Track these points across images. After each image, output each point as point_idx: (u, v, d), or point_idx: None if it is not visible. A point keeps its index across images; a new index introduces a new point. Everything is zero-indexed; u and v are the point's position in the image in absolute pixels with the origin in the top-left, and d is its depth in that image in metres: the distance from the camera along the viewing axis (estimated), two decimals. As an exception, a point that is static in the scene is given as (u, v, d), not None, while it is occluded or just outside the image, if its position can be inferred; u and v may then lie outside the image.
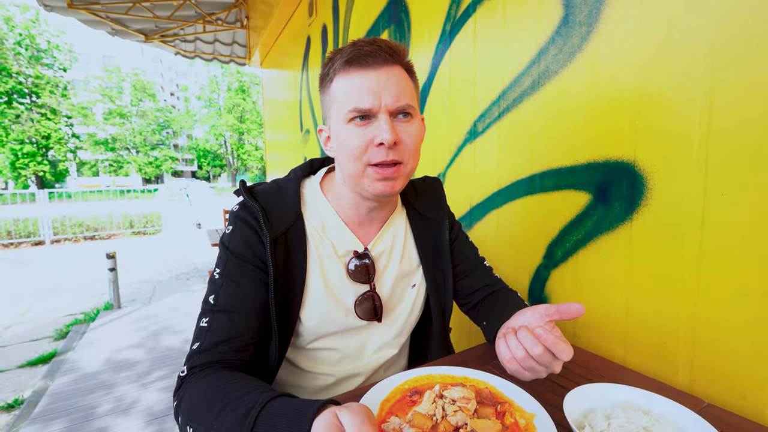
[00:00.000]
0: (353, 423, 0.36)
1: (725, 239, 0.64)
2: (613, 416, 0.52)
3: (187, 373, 0.59)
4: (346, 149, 0.63)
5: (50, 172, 20.18)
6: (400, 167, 0.64)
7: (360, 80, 0.61)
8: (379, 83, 0.61)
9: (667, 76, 0.70)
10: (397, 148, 0.63)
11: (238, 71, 29.54)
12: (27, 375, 2.58)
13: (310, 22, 2.79)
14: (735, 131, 0.62)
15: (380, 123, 0.61)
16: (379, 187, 0.64)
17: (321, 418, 0.39)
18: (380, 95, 0.60)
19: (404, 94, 0.62)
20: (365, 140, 0.62)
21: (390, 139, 0.60)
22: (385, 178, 0.64)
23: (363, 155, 0.62)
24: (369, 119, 0.62)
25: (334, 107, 0.65)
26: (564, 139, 0.91)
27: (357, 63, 0.61)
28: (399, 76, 0.63)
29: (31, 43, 18.29)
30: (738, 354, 0.64)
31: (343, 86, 0.63)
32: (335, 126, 0.65)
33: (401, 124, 0.63)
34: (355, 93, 0.61)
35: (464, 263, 0.86)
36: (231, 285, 0.64)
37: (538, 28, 0.96)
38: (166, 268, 5.51)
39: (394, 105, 0.61)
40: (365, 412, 0.38)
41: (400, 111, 0.63)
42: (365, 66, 0.61)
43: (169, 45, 4.83)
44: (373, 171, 0.63)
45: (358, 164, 0.63)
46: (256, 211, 0.67)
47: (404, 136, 0.63)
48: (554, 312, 0.60)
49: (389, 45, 0.63)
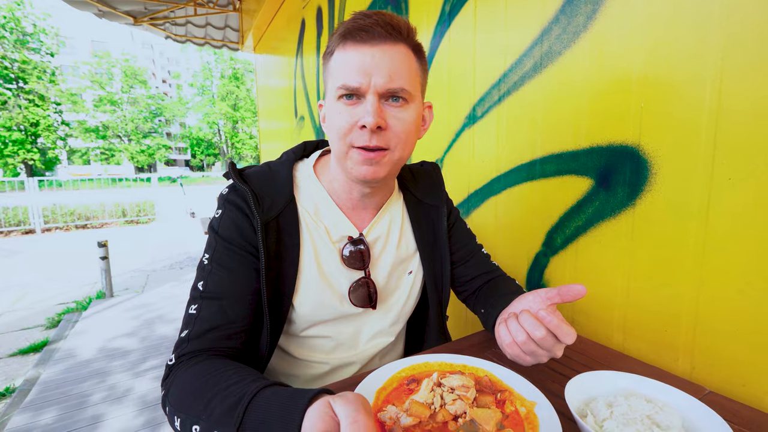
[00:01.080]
0: (347, 412, 0.34)
1: (731, 225, 0.62)
2: (615, 404, 0.50)
3: (175, 361, 0.57)
4: (333, 127, 0.61)
5: (40, 160, 19.78)
6: (386, 153, 0.61)
7: (353, 55, 0.57)
8: (372, 60, 0.57)
9: (675, 56, 0.68)
10: (383, 134, 0.59)
11: (232, 58, 28.95)
12: (18, 363, 2.56)
13: (305, 5, 2.71)
14: (745, 113, 0.60)
15: (366, 105, 0.57)
16: (362, 171, 0.61)
17: (314, 408, 0.37)
18: (370, 74, 0.56)
19: (399, 76, 0.58)
20: (351, 120, 0.58)
21: (372, 123, 0.56)
22: (368, 162, 0.60)
23: (347, 136, 0.60)
24: (358, 98, 0.59)
25: (329, 82, 0.62)
26: (566, 122, 0.89)
27: (352, 37, 0.58)
28: (397, 55, 0.58)
29: (16, 26, 17.70)
30: (739, 341, 0.63)
31: (337, 61, 0.60)
32: (328, 101, 0.63)
33: (392, 108, 0.59)
34: (345, 69, 0.58)
35: (462, 250, 0.84)
36: (220, 270, 0.62)
37: (542, 6, 0.92)
38: (159, 257, 5.47)
39: (385, 86, 0.57)
40: (360, 400, 0.36)
41: (391, 94, 0.58)
42: (360, 41, 0.57)
43: (159, 28, 4.69)
44: (356, 153, 0.60)
45: (342, 144, 0.61)
46: (246, 194, 0.64)
47: (393, 121, 0.59)
48: (555, 295, 0.58)
49: (390, 20, 0.58)
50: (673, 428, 0.45)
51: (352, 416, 0.34)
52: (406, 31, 0.60)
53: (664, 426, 0.46)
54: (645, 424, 0.47)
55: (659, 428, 0.46)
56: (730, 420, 0.53)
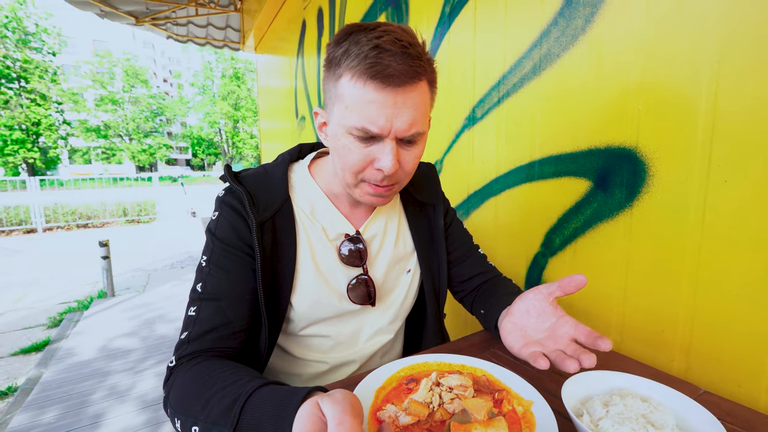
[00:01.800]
0: (334, 413, 0.34)
1: (727, 227, 0.63)
2: (611, 403, 0.51)
3: (175, 363, 0.57)
4: (344, 159, 0.60)
5: (41, 159, 19.82)
6: (395, 187, 0.63)
7: (376, 98, 0.53)
8: (394, 107, 0.53)
9: (673, 59, 0.68)
10: (395, 173, 0.60)
11: (233, 57, 28.94)
12: (20, 363, 2.57)
13: (305, 6, 2.72)
14: (741, 116, 0.60)
15: (385, 148, 0.56)
16: (370, 200, 0.64)
17: (303, 409, 0.38)
18: (392, 120, 0.54)
19: (418, 120, 0.56)
20: (365, 160, 0.58)
21: (391, 169, 0.57)
22: (378, 195, 0.62)
23: (360, 173, 0.60)
24: (374, 139, 0.57)
25: (339, 107, 0.57)
26: (565, 124, 0.89)
27: (378, 79, 0.52)
28: (418, 98, 0.55)
29: (18, 25, 17.75)
30: (735, 342, 0.64)
31: (354, 95, 0.54)
32: (335, 128, 0.59)
33: (405, 148, 0.59)
34: (367, 111, 0.54)
35: (458, 250, 0.85)
36: (218, 272, 0.63)
37: (541, 9, 0.93)
38: (160, 257, 5.48)
39: (405, 133, 0.56)
40: (348, 399, 0.36)
41: (410, 138, 0.57)
42: (386, 84, 0.52)
43: (161, 28, 4.70)
44: (367, 186, 0.62)
45: (353, 177, 0.61)
46: (241, 196, 0.65)
47: (405, 160, 0.60)
48: (556, 288, 0.57)
49: (420, 59, 0.53)
50: (667, 427, 0.46)
51: (339, 417, 0.34)
52: (430, 65, 0.57)
53: (658, 425, 0.47)
54: (640, 422, 0.47)
55: (654, 427, 0.46)
56: (725, 419, 0.54)
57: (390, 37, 0.52)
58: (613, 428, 0.47)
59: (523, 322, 0.61)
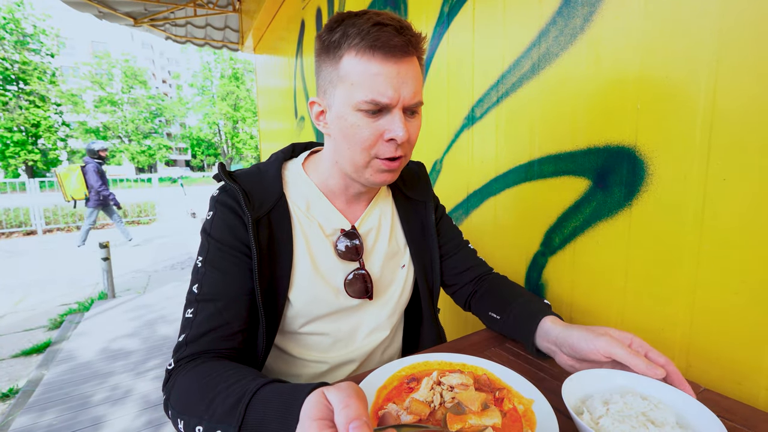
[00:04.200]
0: (340, 398, 0.35)
1: (726, 225, 0.63)
2: (611, 401, 0.51)
3: (174, 365, 0.57)
4: (353, 138, 0.61)
5: (41, 161, 19.78)
6: (402, 160, 0.65)
7: (381, 69, 0.57)
8: (398, 77, 0.58)
9: (671, 57, 0.68)
10: (405, 144, 0.62)
11: (231, 58, 28.89)
12: (21, 364, 2.57)
13: (304, 5, 2.72)
14: (740, 114, 0.60)
15: (394, 119, 0.59)
16: (382, 178, 0.65)
17: (309, 399, 0.38)
18: (399, 90, 0.58)
19: (419, 90, 0.61)
20: (376, 133, 0.60)
21: (404, 137, 0.59)
22: (390, 170, 0.64)
23: (371, 148, 0.61)
24: (382, 112, 0.60)
25: (343, 87, 0.59)
26: (564, 123, 0.90)
27: (381, 51, 0.56)
28: (415, 69, 0.60)
29: (16, 27, 17.69)
30: (734, 340, 0.64)
31: (359, 71, 0.57)
32: (340, 108, 0.61)
33: (409, 119, 0.62)
34: (375, 83, 0.57)
35: (449, 243, 0.87)
36: (214, 272, 0.63)
37: (539, 8, 0.93)
38: (160, 258, 5.48)
39: (411, 101, 0.60)
40: (353, 387, 0.37)
41: (413, 107, 0.61)
42: (389, 56, 0.56)
43: (160, 29, 4.70)
44: (379, 163, 0.63)
45: (364, 155, 0.62)
46: (236, 193, 0.65)
47: (411, 131, 0.63)
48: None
49: (415, 35, 0.59)
50: (667, 425, 0.46)
51: (345, 401, 0.34)
52: (423, 43, 0.61)
53: (658, 422, 0.47)
54: (640, 420, 0.47)
55: (654, 425, 0.47)
56: (726, 417, 0.54)
57: (386, 16, 0.58)
58: (613, 426, 0.47)
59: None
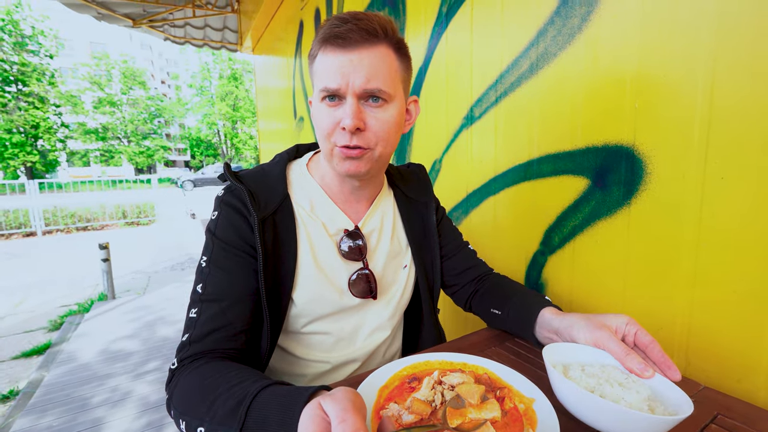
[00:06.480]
0: (336, 412, 0.35)
1: (724, 223, 0.63)
2: (588, 367, 0.53)
3: (177, 365, 0.57)
4: (318, 127, 0.64)
5: (40, 162, 19.76)
6: (366, 152, 0.63)
7: (333, 59, 0.59)
8: (350, 64, 0.58)
9: (668, 56, 0.69)
10: (362, 135, 0.61)
11: (230, 58, 28.87)
12: (22, 366, 2.57)
13: (303, 6, 2.72)
14: (737, 113, 0.61)
15: (345, 107, 0.60)
16: (345, 166, 0.64)
17: (306, 410, 0.39)
18: (349, 77, 0.59)
19: (376, 77, 0.59)
20: (333, 121, 0.61)
21: (351, 125, 0.59)
22: (350, 159, 0.63)
23: (330, 136, 0.63)
24: (339, 100, 0.61)
25: (314, 83, 0.64)
26: (562, 123, 0.90)
27: (330, 43, 0.59)
28: (375, 58, 0.59)
29: (15, 28, 17.67)
30: (733, 338, 0.64)
31: (319, 64, 0.62)
32: (314, 101, 0.65)
33: (371, 108, 0.61)
34: (326, 72, 0.60)
35: (450, 244, 0.88)
36: (218, 272, 0.63)
37: (537, 8, 0.93)
38: (160, 259, 5.48)
39: (362, 87, 0.59)
40: (348, 397, 0.37)
41: (369, 94, 0.60)
42: (339, 46, 0.59)
43: (158, 30, 4.69)
44: (339, 151, 0.63)
45: (327, 143, 0.64)
46: (242, 193, 0.66)
47: (373, 122, 0.61)
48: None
49: (366, 25, 0.58)
50: (636, 392, 0.47)
51: (341, 416, 0.34)
52: (383, 32, 0.60)
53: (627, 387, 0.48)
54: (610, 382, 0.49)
55: (621, 386, 0.47)
56: (725, 414, 0.54)
57: (349, 14, 0.60)
58: (581, 380, 0.49)
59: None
